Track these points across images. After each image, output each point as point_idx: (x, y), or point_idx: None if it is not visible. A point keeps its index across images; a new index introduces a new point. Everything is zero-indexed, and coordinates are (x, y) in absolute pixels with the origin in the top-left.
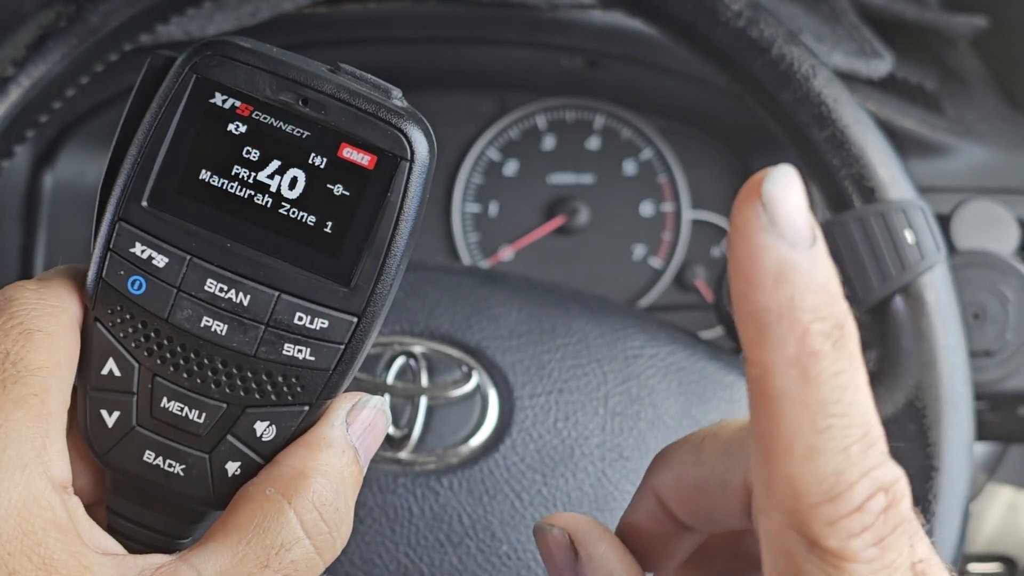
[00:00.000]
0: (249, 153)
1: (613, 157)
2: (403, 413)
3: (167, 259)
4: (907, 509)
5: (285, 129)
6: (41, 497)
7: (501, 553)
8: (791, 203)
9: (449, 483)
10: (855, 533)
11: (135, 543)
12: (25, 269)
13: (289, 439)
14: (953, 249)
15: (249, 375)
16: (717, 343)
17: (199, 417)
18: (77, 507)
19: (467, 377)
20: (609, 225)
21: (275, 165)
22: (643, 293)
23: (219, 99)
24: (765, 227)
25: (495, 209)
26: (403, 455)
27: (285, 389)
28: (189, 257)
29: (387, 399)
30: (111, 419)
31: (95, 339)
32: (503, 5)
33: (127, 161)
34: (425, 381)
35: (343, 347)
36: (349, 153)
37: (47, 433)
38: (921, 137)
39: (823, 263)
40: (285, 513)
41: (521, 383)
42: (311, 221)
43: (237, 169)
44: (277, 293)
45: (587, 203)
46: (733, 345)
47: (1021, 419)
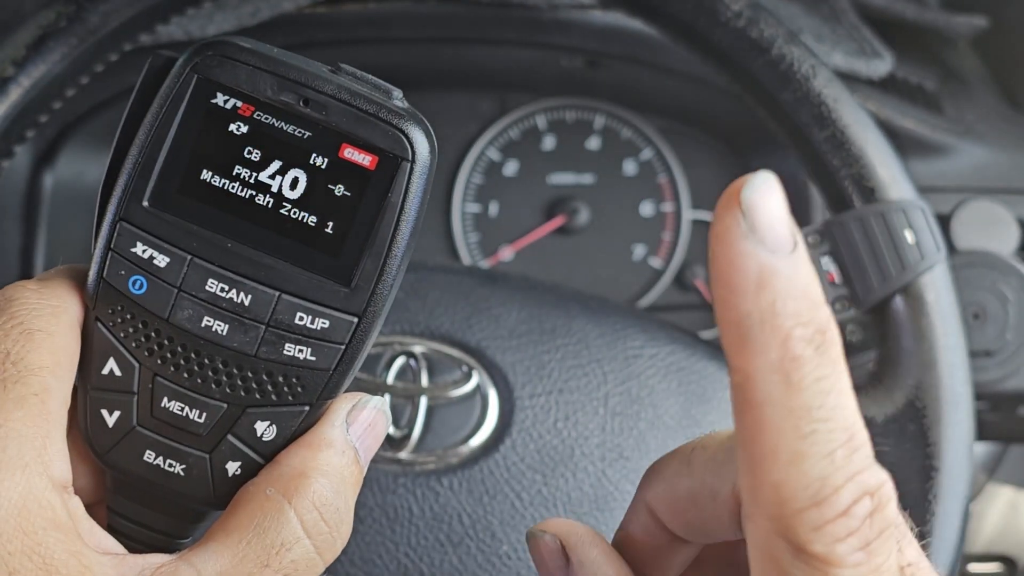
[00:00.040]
0: (250, 153)
1: (613, 157)
2: (403, 413)
3: (168, 259)
4: (894, 513)
5: (286, 129)
6: (41, 497)
7: (501, 553)
8: (771, 209)
9: (449, 483)
10: (841, 538)
11: (135, 543)
12: (25, 269)
13: (289, 439)
14: (953, 249)
15: (250, 375)
16: (717, 343)
17: (199, 417)
18: (77, 507)
19: (467, 377)
20: (609, 225)
21: (276, 165)
22: (643, 293)
23: (220, 99)
24: (745, 234)
25: (495, 209)
26: (403, 455)
27: (286, 389)
28: (190, 257)
29: (387, 399)
30: (111, 419)
31: (96, 339)
32: (503, 5)
33: (128, 161)
34: (425, 381)
35: (344, 347)
36: (350, 153)
37: (47, 433)
38: (921, 137)
39: (804, 268)
40: (285, 513)
41: (521, 383)
42: (312, 221)
43: (238, 169)
44: (278, 293)
45: (587, 203)
46: None
47: (1021, 419)
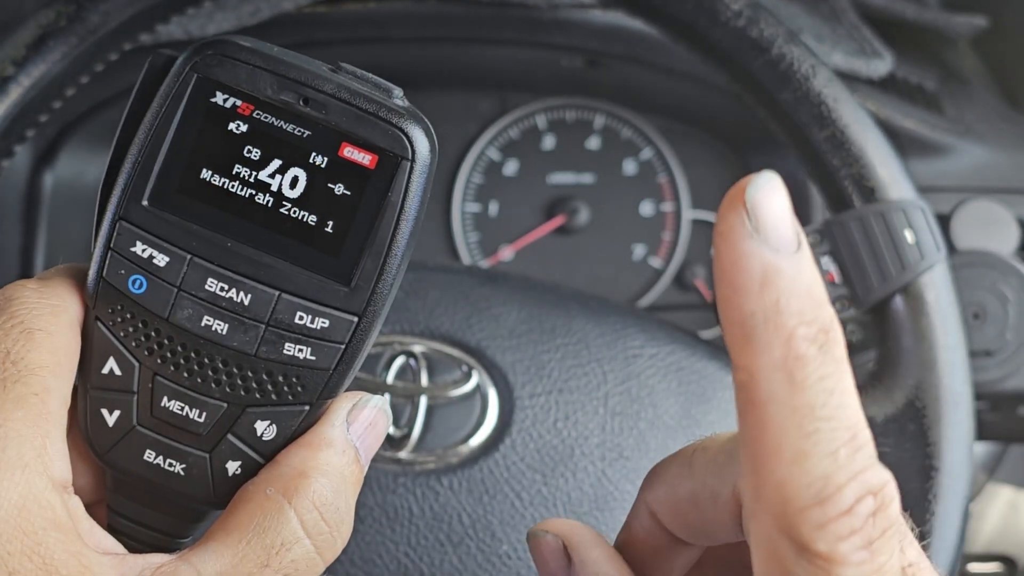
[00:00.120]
0: (250, 152)
1: (613, 157)
2: (403, 413)
3: (168, 258)
4: (896, 512)
5: (286, 128)
6: (41, 497)
7: (501, 553)
8: (775, 208)
9: (449, 483)
10: (844, 536)
11: (135, 542)
12: (25, 269)
13: (289, 439)
14: (953, 249)
15: (250, 374)
16: (717, 343)
17: (199, 416)
18: (77, 507)
19: (467, 377)
20: (609, 225)
21: (276, 164)
22: (643, 293)
23: (220, 98)
24: (749, 233)
25: (495, 209)
26: (403, 455)
27: (286, 388)
28: (190, 256)
29: (387, 399)
30: (111, 418)
31: (96, 338)
32: (503, 5)
33: (128, 160)
34: (425, 381)
35: (344, 347)
36: (350, 152)
37: (47, 432)
38: (921, 137)
39: (808, 268)
40: (285, 513)
41: (521, 383)
42: (312, 220)
43: (238, 168)
44: (278, 292)
45: (587, 203)
46: None
47: (1021, 419)
